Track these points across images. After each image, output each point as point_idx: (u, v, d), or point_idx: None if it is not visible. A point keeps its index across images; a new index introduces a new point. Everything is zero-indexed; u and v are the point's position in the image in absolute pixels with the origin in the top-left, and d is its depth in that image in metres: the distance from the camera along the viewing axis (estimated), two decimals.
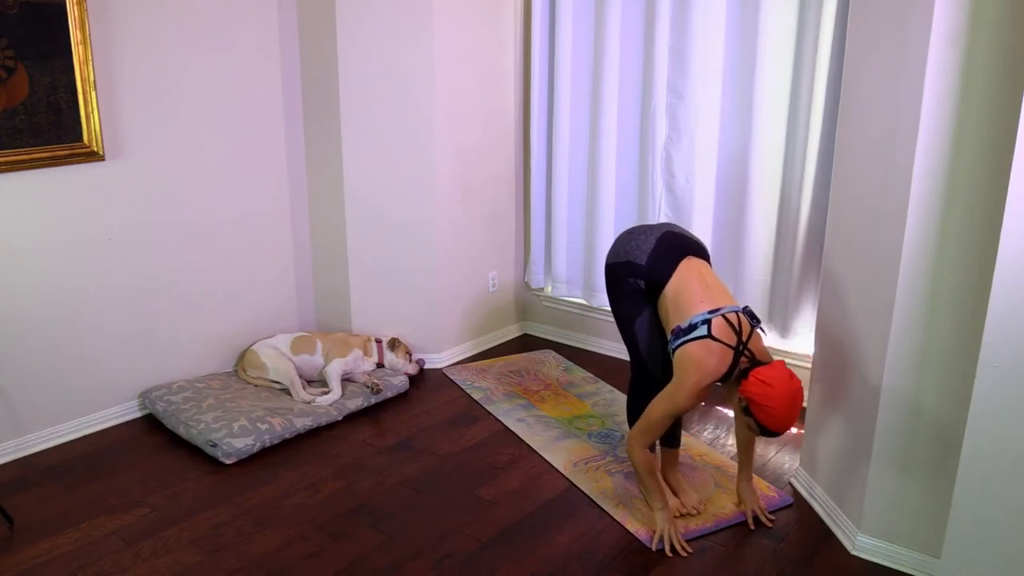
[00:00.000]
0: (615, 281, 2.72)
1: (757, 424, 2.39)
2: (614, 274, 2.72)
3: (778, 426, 2.37)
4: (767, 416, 2.35)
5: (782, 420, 2.36)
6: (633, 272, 2.64)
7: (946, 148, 2.19)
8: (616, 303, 2.75)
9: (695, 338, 2.46)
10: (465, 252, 4.14)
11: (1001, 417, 1.97)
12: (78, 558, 2.56)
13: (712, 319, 2.47)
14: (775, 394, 2.34)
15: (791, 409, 2.36)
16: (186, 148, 3.49)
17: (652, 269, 2.60)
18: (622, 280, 2.68)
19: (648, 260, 2.60)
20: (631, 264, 2.64)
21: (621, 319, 2.75)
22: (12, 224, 3.05)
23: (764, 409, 2.35)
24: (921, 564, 2.48)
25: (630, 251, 2.66)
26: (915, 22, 2.21)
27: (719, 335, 2.45)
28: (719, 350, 2.45)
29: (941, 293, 2.27)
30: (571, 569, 2.53)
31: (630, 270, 2.64)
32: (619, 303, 2.74)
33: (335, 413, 3.47)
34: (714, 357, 2.44)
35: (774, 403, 2.34)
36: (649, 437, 2.59)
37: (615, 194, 4.01)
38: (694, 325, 2.47)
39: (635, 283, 2.65)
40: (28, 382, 3.17)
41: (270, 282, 3.96)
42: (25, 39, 2.93)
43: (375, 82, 3.74)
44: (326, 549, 2.63)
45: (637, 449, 2.60)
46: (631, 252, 2.65)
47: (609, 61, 3.84)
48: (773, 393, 2.34)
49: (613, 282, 2.73)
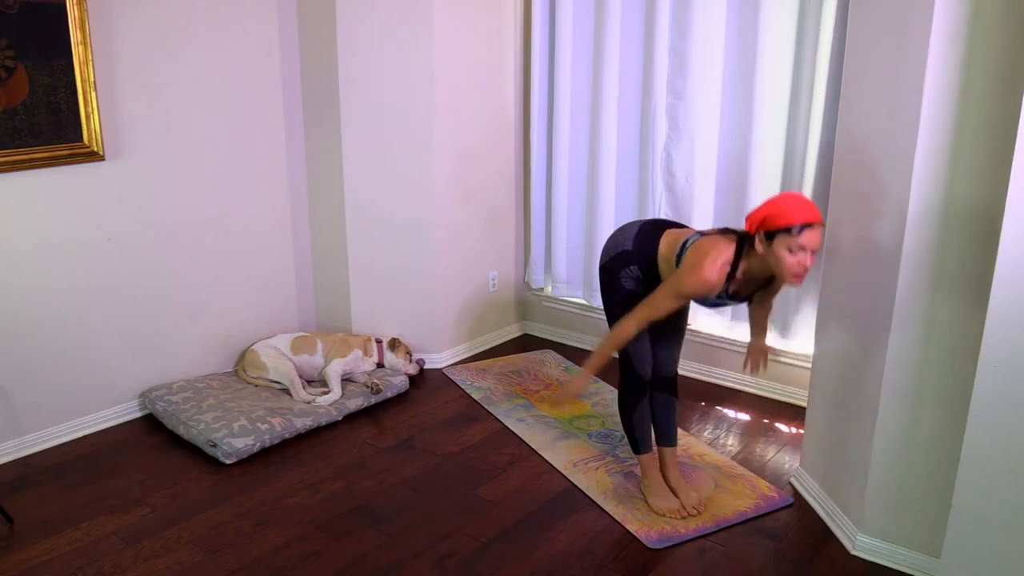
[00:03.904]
0: (610, 280, 2.73)
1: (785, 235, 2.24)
2: (608, 272, 2.73)
3: (800, 213, 2.25)
4: (787, 212, 2.25)
5: (800, 207, 2.28)
6: (626, 260, 2.67)
7: (946, 148, 2.19)
8: (610, 306, 2.76)
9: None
10: (465, 252, 4.14)
11: (1001, 417, 1.97)
12: (78, 558, 2.56)
13: (703, 232, 2.56)
14: (780, 199, 2.34)
15: (800, 199, 2.33)
16: (186, 148, 3.49)
17: (641, 246, 2.66)
18: (616, 276, 2.70)
19: (634, 243, 2.67)
20: (621, 253, 2.69)
21: (613, 321, 2.75)
22: (12, 224, 3.05)
23: (782, 211, 2.26)
24: (921, 564, 2.48)
25: (618, 244, 2.73)
26: (915, 22, 2.21)
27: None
28: (725, 239, 2.45)
29: (941, 293, 2.27)
30: (571, 569, 2.53)
31: (622, 259, 2.68)
32: (613, 307, 2.74)
33: (335, 413, 3.47)
34: (723, 242, 2.43)
35: (784, 202, 2.30)
36: (645, 315, 2.49)
37: (615, 194, 4.01)
38: (687, 241, 2.51)
39: (630, 275, 2.67)
40: (28, 382, 3.17)
41: (270, 282, 3.96)
42: (25, 39, 2.93)
43: (375, 82, 3.74)
44: (326, 549, 2.63)
45: (627, 323, 2.53)
46: (619, 244, 2.72)
47: (609, 61, 3.84)
48: (777, 200, 2.33)
49: (608, 282, 2.75)
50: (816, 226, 2.26)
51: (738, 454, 3.22)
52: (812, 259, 2.28)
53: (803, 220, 2.25)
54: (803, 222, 2.24)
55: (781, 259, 2.27)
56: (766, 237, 2.30)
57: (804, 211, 2.27)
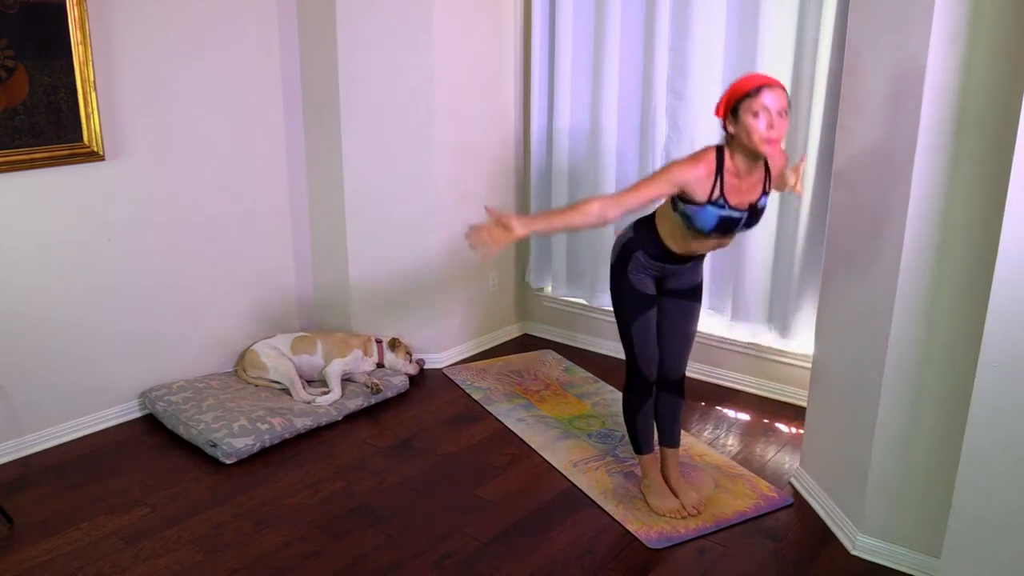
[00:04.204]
0: (620, 276, 2.69)
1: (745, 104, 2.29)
2: (616, 269, 2.70)
3: (754, 79, 2.32)
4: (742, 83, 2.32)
5: (754, 75, 2.38)
6: (629, 248, 2.64)
7: (946, 148, 2.19)
8: (619, 303, 2.74)
9: None
10: (465, 252, 4.11)
11: (1001, 417, 1.97)
12: (78, 558, 2.56)
13: None
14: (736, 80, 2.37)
15: (754, 73, 2.46)
16: (186, 148, 3.49)
17: (639, 228, 2.64)
18: (624, 272, 2.66)
19: (634, 228, 2.66)
20: (625, 245, 2.66)
21: (620, 321, 2.74)
22: (12, 224, 3.05)
23: (738, 85, 2.32)
24: (921, 564, 2.48)
25: (620, 240, 2.71)
26: (915, 22, 2.21)
27: None
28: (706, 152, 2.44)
29: (941, 293, 2.27)
30: (571, 569, 2.53)
31: (626, 250, 2.65)
32: (622, 304, 2.72)
33: (335, 413, 3.47)
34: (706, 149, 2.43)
35: (739, 79, 2.36)
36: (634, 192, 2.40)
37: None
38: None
39: (638, 266, 2.62)
40: (28, 382, 3.17)
41: (270, 282, 3.96)
42: (25, 39, 2.93)
43: (375, 82, 3.74)
44: (326, 549, 2.63)
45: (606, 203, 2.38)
46: (621, 240, 2.70)
47: (609, 61, 3.84)
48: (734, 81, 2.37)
49: (618, 279, 2.70)
50: (774, 87, 2.27)
51: (738, 454, 3.23)
52: (780, 122, 2.27)
53: (758, 83, 2.28)
54: (758, 84, 2.28)
55: (749, 127, 2.28)
56: (732, 116, 2.32)
57: (758, 77, 2.33)
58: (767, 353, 3.72)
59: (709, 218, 2.41)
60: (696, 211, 2.40)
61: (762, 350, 3.73)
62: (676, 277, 2.69)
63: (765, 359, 3.73)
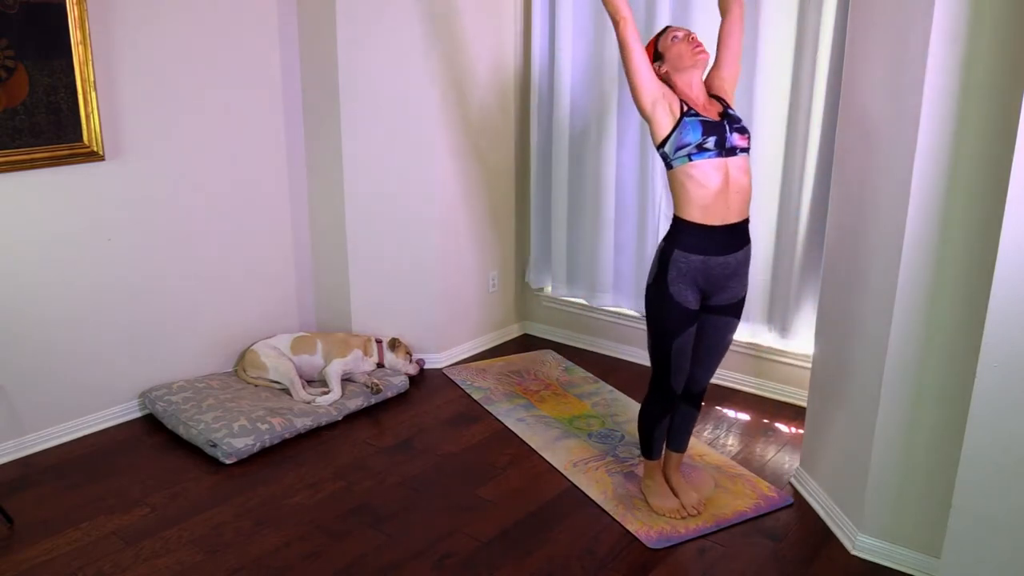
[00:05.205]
0: (660, 289, 2.54)
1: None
2: (658, 279, 2.55)
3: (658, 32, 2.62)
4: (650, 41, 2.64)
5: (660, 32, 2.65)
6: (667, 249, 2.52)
7: (946, 148, 2.19)
8: (660, 319, 2.58)
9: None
10: (465, 252, 4.14)
11: (1001, 417, 1.97)
12: (78, 558, 2.56)
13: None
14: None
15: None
16: (186, 148, 3.49)
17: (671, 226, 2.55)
18: (664, 280, 2.52)
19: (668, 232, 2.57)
20: (663, 249, 2.54)
21: (659, 338, 2.60)
22: (12, 224, 3.05)
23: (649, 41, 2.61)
24: (921, 564, 2.48)
25: (656, 253, 2.59)
26: (915, 22, 2.21)
27: None
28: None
29: (941, 293, 2.27)
30: (571, 569, 2.53)
31: (666, 251, 2.53)
32: (664, 320, 2.56)
33: (335, 413, 3.47)
34: None
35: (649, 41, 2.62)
36: (635, 36, 2.52)
37: (615, 193, 4.00)
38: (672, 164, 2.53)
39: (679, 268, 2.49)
40: (28, 382, 3.17)
41: (270, 282, 3.96)
42: (25, 39, 2.93)
43: (375, 82, 3.74)
44: (326, 549, 2.63)
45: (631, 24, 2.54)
46: (657, 252, 2.59)
47: (609, 61, 3.84)
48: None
49: (659, 293, 2.55)
50: (670, 26, 2.65)
51: (738, 454, 3.23)
52: (693, 37, 2.56)
53: (663, 28, 2.64)
54: (663, 28, 2.63)
55: (677, 54, 2.54)
56: (660, 62, 2.57)
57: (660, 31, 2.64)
58: (767, 353, 3.72)
59: (693, 127, 2.46)
60: (678, 132, 2.46)
61: (762, 350, 3.73)
62: (721, 285, 2.55)
63: (765, 359, 3.73)
